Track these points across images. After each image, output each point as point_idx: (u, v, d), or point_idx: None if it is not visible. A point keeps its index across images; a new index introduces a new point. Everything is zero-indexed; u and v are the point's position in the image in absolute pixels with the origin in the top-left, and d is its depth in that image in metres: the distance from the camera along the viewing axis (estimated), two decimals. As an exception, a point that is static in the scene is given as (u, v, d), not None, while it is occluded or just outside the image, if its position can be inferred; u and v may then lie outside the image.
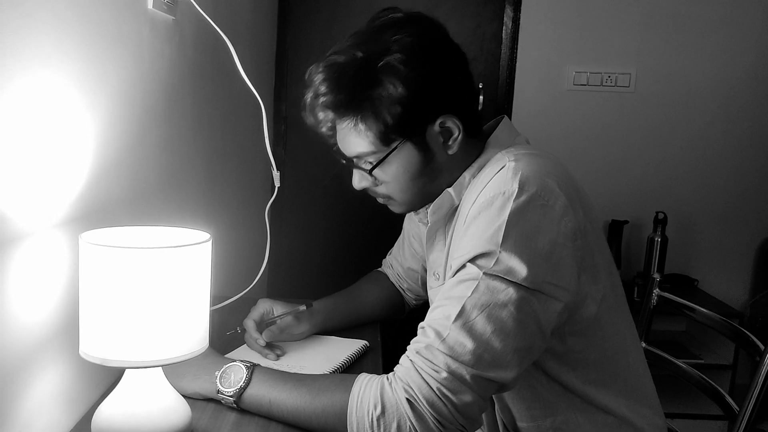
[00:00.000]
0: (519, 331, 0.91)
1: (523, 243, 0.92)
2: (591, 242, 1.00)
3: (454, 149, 1.06)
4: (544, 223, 0.94)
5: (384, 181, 1.09)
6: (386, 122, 1.01)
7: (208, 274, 0.86)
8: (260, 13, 2.45)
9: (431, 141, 1.05)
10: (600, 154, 2.93)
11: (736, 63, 2.90)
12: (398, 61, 1.00)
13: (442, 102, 1.04)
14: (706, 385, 1.34)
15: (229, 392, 0.99)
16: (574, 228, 0.96)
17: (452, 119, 1.04)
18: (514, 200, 0.93)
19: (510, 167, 0.98)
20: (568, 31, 2.88)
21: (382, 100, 1.00)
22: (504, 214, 0.93)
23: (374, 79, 1.00)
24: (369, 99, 1.01)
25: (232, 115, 1.91)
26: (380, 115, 1.01)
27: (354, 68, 1.01)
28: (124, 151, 1.10)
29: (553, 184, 0.96)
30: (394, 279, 1.47)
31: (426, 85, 1.01)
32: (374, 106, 1.01)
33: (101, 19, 0.98)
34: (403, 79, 0.99)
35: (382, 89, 1.00)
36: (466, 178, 1.08)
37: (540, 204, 0.94)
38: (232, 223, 2.03)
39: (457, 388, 0.88)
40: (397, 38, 1.01)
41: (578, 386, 1.05)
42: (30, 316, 0.83)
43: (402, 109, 1.00)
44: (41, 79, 0.81)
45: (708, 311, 1.37)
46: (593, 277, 1.00)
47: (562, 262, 0.94)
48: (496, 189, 0.96)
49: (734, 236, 3.00)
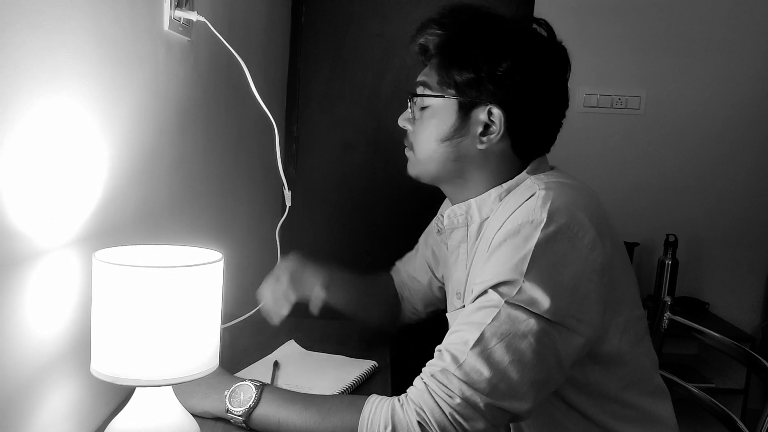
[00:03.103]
0: (537, 363, 0.90)
1: (548, 275, 0.91)
2: (617, 277, 0.99)
3: (485, 145, 1.06)
4: (571, 256, 0.93)
5: (418, 125, 1.10)
6: (457, 75, 1.04)
7: (220, 293, 0.86)
8: (273, 35, 2.47)
9: (472, 122, 1.06)
10: (610, 176, 2.93)
11: (746, 86, 2.90)
12: (516, 44, 1.04)
13: (513, 99, 1.04)
14: (718, 409, 1.33)
15: (239, 411, 0.99)
16: (602, 263, 0.95)
17: (501, 117, 1.04)
18: (542, 230, 0.92)
19: (540, 195, 0.96)
20: (579, 53, 2.86)
21: (477, 59, 1.03)
22: (530, 244, 0.92)
23: (491, 41, 1.04)
24: (472, 51, 1.04)
25: (244, 135, 1.93)
26: (462, 66, 1.04)
27: (483, 24, 1.06)
28: (138, 170, 1.11)
29: (583, 216, 0.95)
30: (398, 284, 1.45)
31: (516, 75, 1.03)
32: (468, 58, 1.04)
33: (118, 40, 1.00)
34: (510, 57, 1.02)
35: (487, 53, 1.03)
36: (492, 196, 1.08)
37: (568, 236, 0.93)
38: (243, 241, 2.04)
39: (470, 415, 0.88)
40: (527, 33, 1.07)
41: (597, 415, 1.04)
42: (43, 333, 0.84)
43: (478, 73, 1.03)
44: (59, 100, 0.83)
45: (719, 335, 1.36)
46: (616, 311, 0.99)
47: (588, 297, 0.93)
48: (523, 217, 0.94)
49: (745, 259, 2.98)
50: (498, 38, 1.04)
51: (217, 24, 1.32)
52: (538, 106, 1.06)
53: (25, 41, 0.74)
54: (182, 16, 1.23)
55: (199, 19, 1.26)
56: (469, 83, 1.04)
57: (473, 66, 1.04)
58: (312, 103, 2.96)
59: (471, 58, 1.04)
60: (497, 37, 1.04)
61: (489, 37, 1.04)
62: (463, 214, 1.11)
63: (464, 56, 1.04)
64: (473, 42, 1.04)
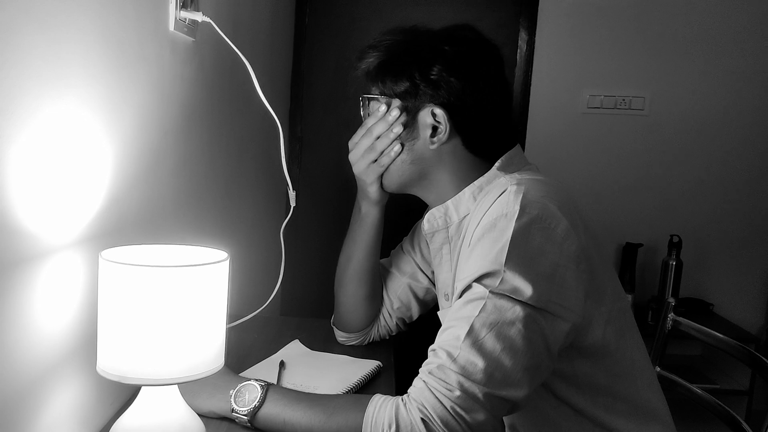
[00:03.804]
0: (528, 349, 0.92)
1: (526, 264, 0.94)
2: (596, 266, 1.01)
3: (436, 145, 1.12)
4: (546, 245, 0.96)
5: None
6: (394, 86, 1.13)
7: (225, 293, 0.86)
8: (277, 36, 2.48)
9: (420, 125, 1.13)
10: (614, 177, 2.93)
11: (750, 87, 2.90)
12: (444, 49, 1.10)
13: (452, 99, 1.10)
14: (722, 411, 1.33)
15: (244, 411, 0.99)
16: (576, 251, 0.98)
17: (444, 116, 1.10)
18: (515, 221, 0.96)
19: (512, 191, 1.01)
20: (583, 55, 2.90)
21: (410, 68, 1.11)
22: (506, 235, 0.95)
23: (420, 50, 1.12)
24: (407, 58, 1.12)
25: (248, 136, 1.93)
26: (398, 77, 1.12)
27: (412, 38, 1.15)
28: (143, 169, 1.12)
29: (554, 207, 0.98)
30: (381, 273, 1.41)
31: (449, 76, 1.09)
32: (404, 65, 1.12)
33: (124, 41, 1.00)
34: (440, 61, 1.09)
35: (418, 61, 1.11)
36: (466, 194, 1.13)
37: (541, 227, 0.96)
38: (247, 242, 2.05)
39: (471, 406, 0.89)
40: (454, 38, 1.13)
41: (588, 409, 1.05)
42: (50, 332, 0.85)
43: (415, 81, 1.11)
44: (64, 99, 0.83)
45: (723, 336, 1.36)
46: (597, 301, 1.02)
47: (566, 284, 0.96)
48: (498, 211, 0.99)
49: (750, 260, 2.98)
50: (426, 47, 1.12)
51: (222, 25, 1.32)
52: (478, 102, 1.11)
53: (32, 42, 0.75)
54: (187, 17, 1.23)
55: (204, 19, 1.26)
56: (407, 91, 1.12)
57: (407, 75, 1.11)
58: (316, 104, 2.96)
59: (404, 68, 1.12)
60: (426, 46, 1.12)
61: (418, 48, 1.12)
62: (442, 216, 1.16)
63: (398, 68, 1.12)
64: (404, 54, 1.13)
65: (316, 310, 2.90)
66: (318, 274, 3.01)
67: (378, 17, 2.90)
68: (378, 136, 1.16)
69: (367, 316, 1.38)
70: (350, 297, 1.36)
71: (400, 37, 1.15)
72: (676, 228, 2.86)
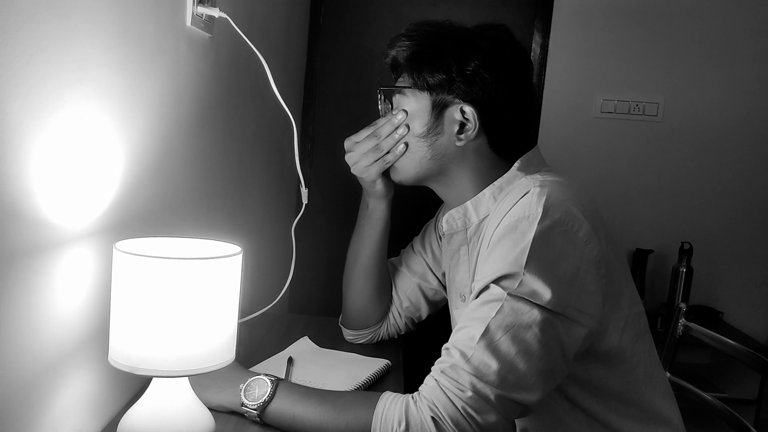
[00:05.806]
0: (543, 353, 0.91)
1: (547, 267, 0.93)
2: (614, 271, 1.01)
3: (463, 142, 1.11)
4: (567, 249, 0.95)
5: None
6: (429, 77, 1.10)
7: (238, 286, 0.87)
8: (291, 34, 2.48)
9: (447, 121, 1.11)
10: (626, 183, 2.92)
11: (766, 94, 2.88)
12: (481, 45, 1.10)
13: (484, 97, 1.09)
14: (731, 417, 1.32)
15: (253, 406, 0.99)
16: (598, 256, 0.97)
17: (474, 114, 1.09)
18: (538, 224, 0.94)
19: (535, 192, 0.99)
20: (597, 59, 2.89)
21: (448, 60, 1.09)
22: (528, 237, 0.94)
23: (458, 44, 1.10)
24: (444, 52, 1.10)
25: (261, 132, 1.94)
26: (434, 68, 1.10)
27: (448, 31, 1.13)
28: (157, 163, 1.12)
29: (577, 211, 0.97)
30: (391, 272, 1.41)
31: (485, 73, 1.08)
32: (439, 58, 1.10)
33: (141, 35, 1.01)
34: (478, 57, 1.08)
35: (456, 54, 1.09)
36: (486, 195, 1.12)
37: (563, 230, 0.95)
38: (258, 238, 2.05)
39: (482, 407, 0.89)
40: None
41: (600, 413, 1.05)
42: (65, 321, 0.85)
43: (449, 74, 1.09)
44: (82, 91, 0.84)
45: (734, 342, 1.35)
46: (615, 306, 1.01)
47: (586, 289, 0.95)
48: (520, 213, 0.97)
49: (761, 269, 2.96)
50: (464, 41, 1.11)
51: (238, 21, 1.33)
52: (508, 103, 1.11)
53: (52, 31, 0.75)
54: (204, 13, 1.24)
55: (220, 15, 1.27)
56: (441, 84, 1.10)
57: (444, 67, 1.10)
58: (329, 103, 2.96)
59: (442, 59, 1.10)
60: (463, 40, 1.11)
61: (456, 41, 1.11)
62: (461, 218, 1.15)
63: (435, 58, 1.10)
64: (442, 46, 1.11)
65: (324, 309, 2.91)
66: (326, 273, 3.01)
67: (393, 18, 2.90)
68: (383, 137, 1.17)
69: (376, 313, 1.38)
70: (358, 294, 1.36)
71: (435, 29, 1.14)
72: (687, 235, 2.84)
